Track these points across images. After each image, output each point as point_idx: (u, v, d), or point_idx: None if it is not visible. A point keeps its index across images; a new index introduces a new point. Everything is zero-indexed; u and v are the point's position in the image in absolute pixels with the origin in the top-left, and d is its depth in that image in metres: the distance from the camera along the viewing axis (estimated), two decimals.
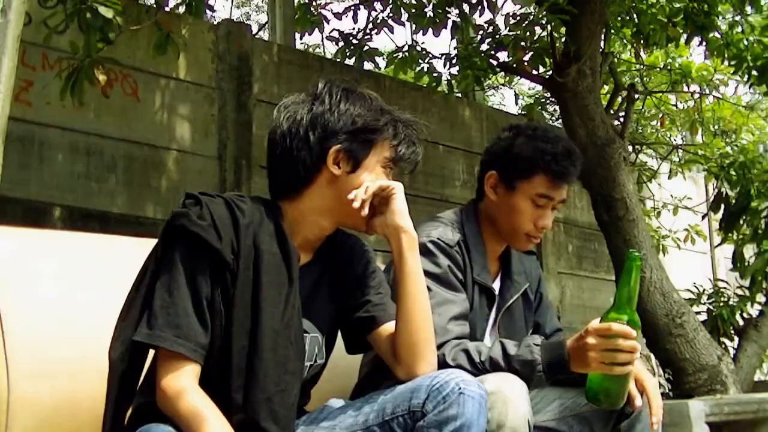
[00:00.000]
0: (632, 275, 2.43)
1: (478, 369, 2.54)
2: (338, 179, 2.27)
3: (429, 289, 2.71)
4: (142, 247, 2.20)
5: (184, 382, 2.04)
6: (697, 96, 7.75)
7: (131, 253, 2.40)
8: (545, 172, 2.85)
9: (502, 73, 7.05)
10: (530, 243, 2.96)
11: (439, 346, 2.59)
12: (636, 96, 6.40)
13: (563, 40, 5.66)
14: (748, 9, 6.02)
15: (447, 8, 6.12)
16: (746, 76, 6.18)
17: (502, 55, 5.94)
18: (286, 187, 2.31)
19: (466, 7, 6.06)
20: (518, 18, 5.72)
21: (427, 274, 2.73)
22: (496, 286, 3.03)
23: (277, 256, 2.21)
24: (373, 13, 6.50)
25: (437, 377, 2.15)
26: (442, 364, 2.50)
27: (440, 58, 6.28)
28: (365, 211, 2.26)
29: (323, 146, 2.26)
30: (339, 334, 2.51)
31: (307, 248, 2.35)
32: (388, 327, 2.40)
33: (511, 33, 5.73)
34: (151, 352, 2.16)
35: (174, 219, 2.15)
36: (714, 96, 7.82)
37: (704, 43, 6.22)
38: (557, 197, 2.90)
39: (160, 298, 2.08)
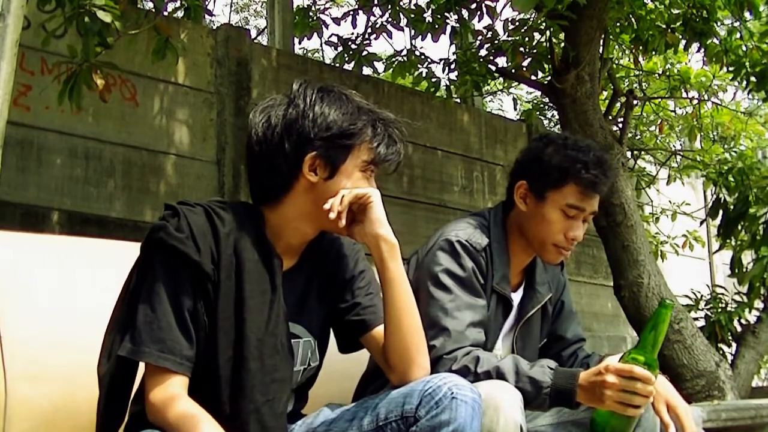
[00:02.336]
0: (662, 322, 2.45)
1: (479, 379, 2.51)
2: (316, 186, 2.22)
3: (450, 290, 2.71)
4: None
5: (172, 392, 2.03)
6: (695, 102, 7.77)
7: (129, 257, 2.40)
8: (576, 181, 2.79)
9: (501, 79, 7.05)
10: (560, 255, 2.87)
11: (452, 351, 2.59)
12: (635, 102, 6.42)
13: (562, 45, 5.67)
14: (747, 15, 6.02)
15: (446, 13, 6.13)
16: (745, 82, 6.20)
17: (501, 61, 5.96)
18: (265, 194, 2.28)
19: (465, 13, 6.06)
20: (517, 23, 5.73)
21: (450, 274, 2.73)
22: (518, 296, 2.99)
23: (258, 263, 2.18)
24: (372, 18, 6.50)
25: (430, 382, 2.13)
26: (449, 371, 2.49)
27: (439, 64, 6.29)
28: (342, 221, 2.21)
29: (298, 154, 2.20)
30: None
31: (292, 253, 2.32)
32: (380, 330, 2.38)
33: (509, 38, 5.74)
34: (141, 366, 2.14)
35: (152, 232, 2.13)
36: (713, 102, 7.83)
37: (703, 49, 6.24)
38: (588, 208, 2.83)
39: (143, 313, 2.06)
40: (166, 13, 5.39)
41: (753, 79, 6.13)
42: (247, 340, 2.11)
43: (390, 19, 6.40)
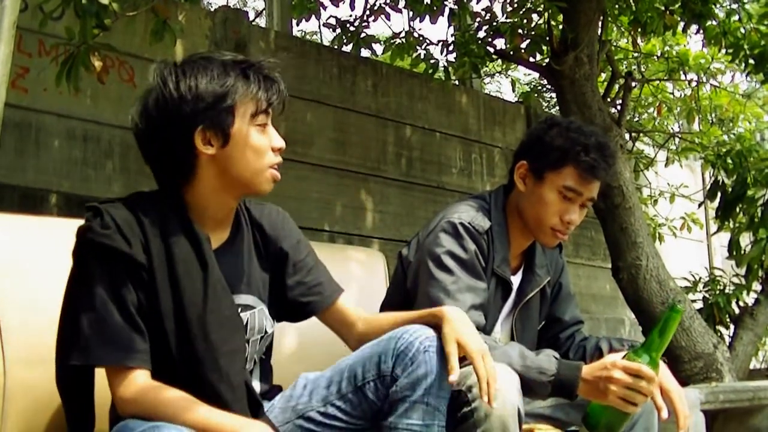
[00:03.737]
0: (671, 325, 2.47)
1: None
2: (216, 156, 2.18)
3: (452, 272, 2.72)
4: None
5: (142, 383, 2.05)
6: (694, 84, 7.75)
7: None
8: (575, 164, 2.80)
9: (499, 61, 7.04)
10: (556, 239, 2.90)
11: None
12: (633, 84, 6.42)
13: (560, 27, 5.66)
14: None
15: None
16: (743, 64, 6.19)
17: (500, 43, 5.94)
18: (173, 179, 2.23)
19: None
20: (515, 5, 5.73)
21: (453, 256, 2.74)
22: (517, 279, 3.01)
23: (186, 244, 2.17)
24: (370, 0, 6.48)
25: (401, 339, 2.17)
26: None
27: (437, 45, 6.27)
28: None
29: (186, 134, 2.15)
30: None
31: (221, 226, 2.30)
32: (331, 309, 2.44)
33: (508, 20, 5.73)
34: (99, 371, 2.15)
35: (80, 236, 2.12)
36: (711, 84, 7.82)
37: (701, 31, 6.22)
38: (586, 193, 2.84)
39: (87, 317, 2.05)
40: None
41: (751, 61, 6.12)
42: (188, 320, 2.12)
43: (388, 1, 6.39)
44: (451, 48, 6.11)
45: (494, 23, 5.81)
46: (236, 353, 2.22)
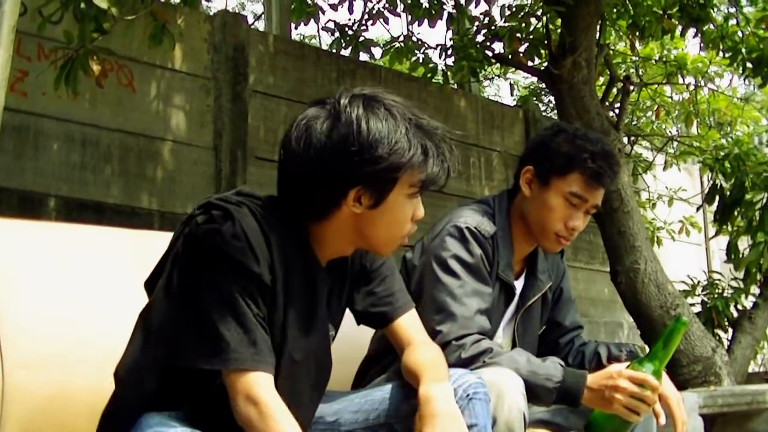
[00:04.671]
0: (676, 337, 2.54)
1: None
2: (360, 215, 2.06)
3: (458, 276, 2.72)
4: (137, 239, 2.20)
5: (267, 387, 1.95)
6: (692, 88, 7.76)
7: (126, 244, 2.41)
8: (581, 170, 2.80)
9: (498, 65, 7.05)
10: (559, 245, 2.89)
11: (460, 337, 2.60)
12: (631, 88, 6.42)
13: (559, 31, 5.67)
14: (743, 1, 6.04)
15: None
16: (741, 68, 6.21)
17: (498, 47, 5.97)
18: (304, 211, 2.10)
19: None
20: (514, 9, 5.74)
21: (459, 260, 2.74)
22: (519, 284, 3.00)
23: (304, 277, 2.09)
24: (369, 4, 6.50)
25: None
26: (457, 359, 2.53)
27: (436, 49, 6.29)
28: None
29: (343, 186, 2.02)
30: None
31: (325, 261, 2.20)
32: (396, 323, 2.35)
33: (506, 24, 5.74)
34: None
35: (206, 237, 1.99)
36: (709, 88, 7.84)
37: (699, 35, 6.24)
38: (591, 199, 2.83)
39: (221, 322, 1.94)
40: None
41: (749, 65, 6.14)
42: (283, 358, 2.04)
43: (387, 5, 6.40)
44: (449, 52, 6.13)
45: (493, 27, 5.83)
46: (311, 405, 2.19)
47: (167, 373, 2.02)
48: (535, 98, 8.85)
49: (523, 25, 5.74)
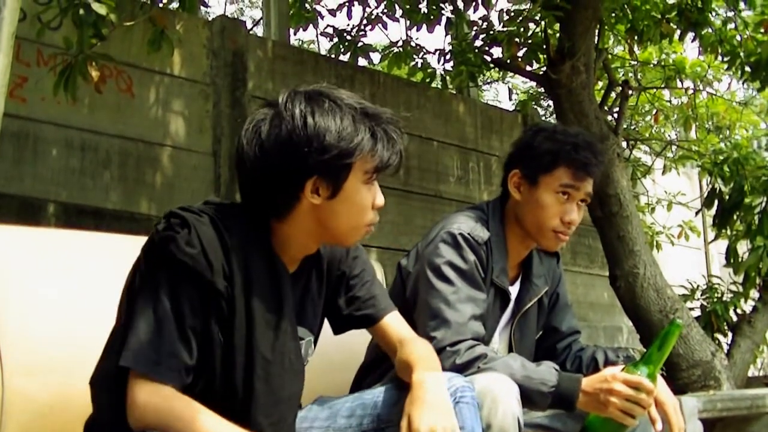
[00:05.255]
0: (671, 339, 2.53)
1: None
2: (319, 206, 2.10)
3: (452, 282, 2.73)
4: (136, 245, 2.19)
5: (166, 393, 1.96)
6: (690, 92, 7.77)
7: (125, 250, 2.40)
8: (566, 163, 2.82)
9: (496, 69, 7.05)
10: (559, 241, 2.89)
11: (454, 343, 2.61)
12: (630, 92, 6.41)
13: (557, 36, 5.67)
14: (742, 5, 6.04)
15: (441, 4, 6.14)
16: (740, 72, 6.21)
17: (496, 51, 5.95)
18: (267, 211, 2.15)
19: (460, 3, 6.08)
20: (512, 14, 5.73)
21: (453, 267, 2.75)
22: (515, 290, 3.01)
23: (267, 279, 2.11)
24: (367, 9, 6.50)
25: None
26: (452, 365, 2.53)
27: (434, 54, 6.29)
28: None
29: (297, 179, 2.07)
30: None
31: (294, 262, 2.24)
32: (383, 323, 2.39)
33: (505, 29, 5.73)
34: None
35: (162, 244, 2.02)
36: (708, 92, 7.84)
37: (698, 40, 6.25)
38: (581, 188, 2.85)
39: (144, 325, 1.96)
40: (161, 5, 5.39)
41: (748, 69, 6.14)
42: (255, 359, 2.06)
43: (385, 10, 6.41)
44: (448, 57, 6.13)
45: (491, 32, 5.82)
46: (293, 400, 2.20)
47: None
48: (534, 103, 8.82)
49: (522, 29, 5.73)
